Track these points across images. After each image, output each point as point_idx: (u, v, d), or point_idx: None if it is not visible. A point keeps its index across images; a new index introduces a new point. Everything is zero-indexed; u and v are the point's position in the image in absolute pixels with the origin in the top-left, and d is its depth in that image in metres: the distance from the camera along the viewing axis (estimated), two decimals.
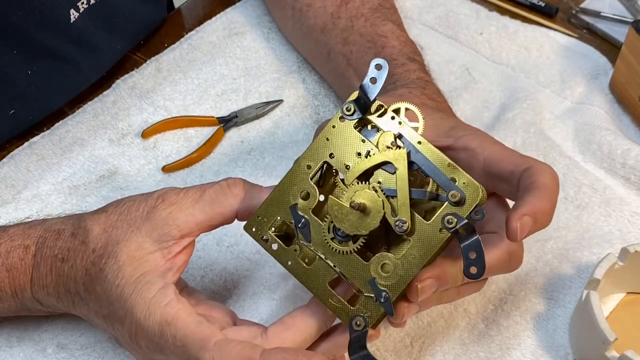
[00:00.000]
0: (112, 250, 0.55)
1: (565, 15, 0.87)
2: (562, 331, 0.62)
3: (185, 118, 0.77)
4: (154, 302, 0.53)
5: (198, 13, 0.88)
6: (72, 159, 0.74)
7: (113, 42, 0.80)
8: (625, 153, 0.72)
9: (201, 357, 0.51)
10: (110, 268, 0.55)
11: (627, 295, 0.65)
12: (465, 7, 0.87)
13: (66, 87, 0.77)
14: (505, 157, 0.57)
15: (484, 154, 0.58)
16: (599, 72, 0.80)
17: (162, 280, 0.54)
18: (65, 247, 0.57)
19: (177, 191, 0.57)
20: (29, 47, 0.71)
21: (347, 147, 0.55)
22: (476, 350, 0.61)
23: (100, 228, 0.56)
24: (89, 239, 0.56)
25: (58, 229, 0.58)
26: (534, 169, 0.56)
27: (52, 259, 0.57)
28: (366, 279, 0.53)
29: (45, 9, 0.70)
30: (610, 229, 0.68)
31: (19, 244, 0.58)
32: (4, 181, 0.72)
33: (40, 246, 0.58)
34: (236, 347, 0.51)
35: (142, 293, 0.54)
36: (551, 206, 0.55)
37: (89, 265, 0.56)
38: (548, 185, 0.55)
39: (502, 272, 0.58)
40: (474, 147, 0.58)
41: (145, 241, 0.55)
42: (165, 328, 0.52)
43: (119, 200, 0.58)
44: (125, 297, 0.54)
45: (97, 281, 0.55)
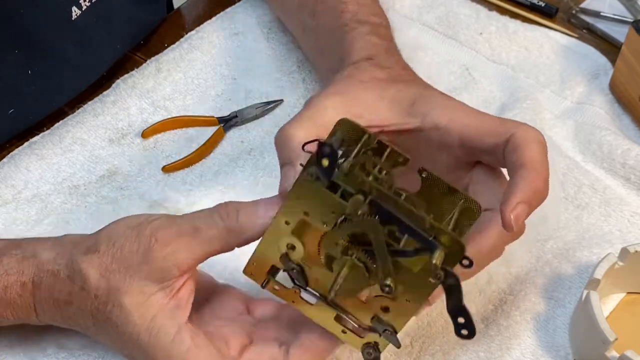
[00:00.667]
0: (115, 299, 0.54)
1: (565, 15, 0.87)
2: (562, 331, 0.62)
3: (186, 118, 0.77)
4: (174, 352, 0.53)
5: (198, 13, 0.88)
6: (72, 159, 0.74)
7: (113, 41, 0.80)
8: (625, 153, 0.72)
9: None
10: (118, 317, 0.54)
11: (627, 295, 0.65)
12: (465, 7, 0.87)
13: (66, 86, 0.77)
14: (482, 130, 0.55)
15: (458, 130, 0.55)
16: (599, 72, 0.80)
17: (174, 322, 0.54)
18: (65, 290, 0.56)
19: (169, 230, 0.54)
20: (31, 46, 0.71)
21: (321, 207, 0.49)
22: (476, 350, 0.61)
23: (97, 273, 0.55)
24: (88, 285, 0.55)
25: (52, 270, 0.56)
26: (517, 140, 0.53)
27: (54, 302, 0.57)
28: (368, 316, 0.53)
29: (49, 4, 0.70)
30: (610, 229, 0.68)
31: (15, 280, 0.57)
32: (4, 181, 0.72)
33: (38, 285, 0.57)
34: None
35: (159, 340, 0.54)
36: (543, 182, 0.53)
37: (94, 311, 0.56)
38: (535, 158, 0.53)
39: (509, 243, 0.57)
40: (445, 125, 0.55)
41: (146, 284, 0.54)
42: None
43: (109, 236, 0.56)
44: (143, 345, 0.54)
45: (108, 326, 0.55)
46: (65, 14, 0.72)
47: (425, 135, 0.56)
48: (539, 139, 0.54)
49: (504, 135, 0.54)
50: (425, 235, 0.47)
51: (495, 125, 0.55)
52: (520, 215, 0.51)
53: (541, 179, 0.52)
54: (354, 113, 0.56)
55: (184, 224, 0.54)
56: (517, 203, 0.51)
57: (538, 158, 0.53)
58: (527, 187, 0.52)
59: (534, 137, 0.53)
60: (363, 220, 0.48)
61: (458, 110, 0.56)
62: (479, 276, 0.65)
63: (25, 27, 0.69)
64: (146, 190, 0.72)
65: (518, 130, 0.54)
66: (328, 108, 0.57)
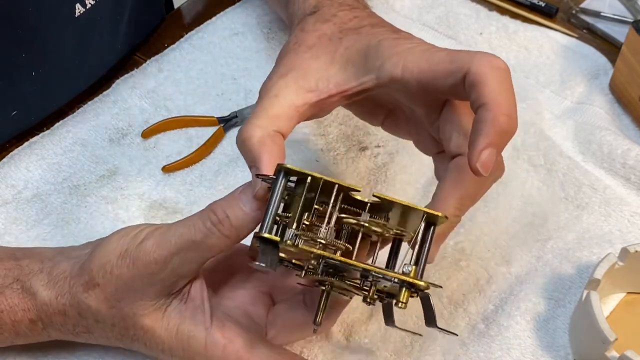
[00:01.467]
0: (134, 323, 0.55)
1: (565, 15, 0.87)
2: (562, 331, 0.62)
3: (186, 118, 0.77)
4: (210, 354, 0.54)
5: (198, 13, 0.88)
6: (72, 159, 0.74)
7: (114, 41, 0.80)
8: (625, 153, 0.72)
9: None
10: (143, 338, 0.55)
11: (627, 295, 0.65)
12: (465, 7, 0.87)
13: (68, 87, 0.77)
14: (437, 73, 0.51)
15: (414, 78, 0.52)
16: (599, 72, 0.80)
17: (199, 327, 0.54)
18: (80, 324, 0.56)
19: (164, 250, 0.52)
20: (35, 47, 0.70)
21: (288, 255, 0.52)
22: (476, 350, 0.61)
23: (106, 306, 0.55)
24: (103, 318, 0.55)
25: (59, 310, 0.56)
26: (472, 76, 0.49)
27: (72, 333, 0.57)
28: None
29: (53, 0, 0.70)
30: (610, 229, 0.68)
31: (22, 317, 0.56)
32: (4, 181, 0.72)
33: (49, 324, 0.57)
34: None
35: (193, 348, 0.54)
36: (507, 117, 0.48)
37: (119, 336, 0.56)
38: (494, 92, 0.48)
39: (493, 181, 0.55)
40: (401, 75, 0.52)
41: (157, 301, 0.54)
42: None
43: (102, 267, 0.54)
44: (179, 356, 0.55)
45: (137, 345, 0.56)
46: (69, 10, 0.72)
47: (386, 91, 0.54)
48: (497, 65, 0.49)
49: (459, 73, 0.50)
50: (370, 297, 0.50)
51: (448, 64, 0.51)
52: (487, 161, 0.48)
53: (504, 115, 0.48)
54: (307, 88, 0.55)
55: (176, 239, 0.52)
56: (482, 150, 0.48)
57: (497, 91, 0.48)
58: (490, 129, 0.48)
59: (490, 67, 0.49)
60: (325, 279, 0.50)
61: (409, 55, 0.52)
62: (479, 276, 0.66)
63: (30, 26, 0.69)
64: (146, 190, 0.72)
65: (472, 64, 0.49)
66: (279, 96, 0.55)
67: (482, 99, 0.49)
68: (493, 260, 0.67)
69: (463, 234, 0.68)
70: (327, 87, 0.55)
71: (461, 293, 0.65)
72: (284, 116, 0.54)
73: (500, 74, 0.49)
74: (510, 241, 0.68)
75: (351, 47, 0.55)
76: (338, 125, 0.77)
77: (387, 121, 0.62)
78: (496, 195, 0.71)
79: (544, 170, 0.72)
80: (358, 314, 0.64)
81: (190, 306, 0.55)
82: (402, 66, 0.52)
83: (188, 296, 0.55)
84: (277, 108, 0.54)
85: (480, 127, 0.49)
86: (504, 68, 0.50)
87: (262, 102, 0.55)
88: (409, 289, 0.48)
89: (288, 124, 0.54)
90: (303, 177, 0.49)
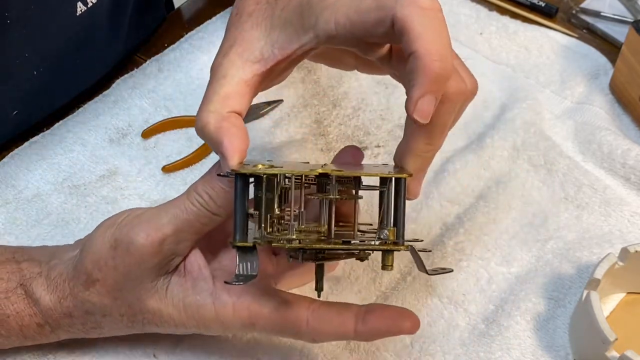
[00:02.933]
0: (140, 308, 0.55)
1: (565, 15, 0.87)
2: (562, 331, 0.62)
3: (186, 118, 0.77)
4: (222, 318, 0.54)
5: (198, 13, 0.88)
6: (72, 159, 0.74)
7: (115, 41, 0.80)
8: (625, 153, 0.72)
9: (301, 337, 0.54)
10: (153, 319, 0.55)
11: (627, 295, 0.65)
12: (465, 7, 0.87)
13: (69, 87, 0.77)
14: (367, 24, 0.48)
15: (347, 30, 0.49)
16: (599, 72, 0.80)
17: (205, 294, 0.54)
18: (89, 320, 0.57)
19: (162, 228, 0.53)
20: (38, 47, 0.70)
21: None
22: (476, 351, 0.61)
23: (109, 299, 0.55)
24: (109, 311, 0.56)
25: (64, 313, 0.56)
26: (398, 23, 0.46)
27: (81, 330, 0.58)
28: None
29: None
30: (610, 229, 0.68)
31: (29, 321, 0.57)
32: (4, 181, 0.72)
33: (56, 327, 0.57)
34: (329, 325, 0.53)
35: (206, 317, 0.54)
36: (439, 61, 0.46)
37: (129, 324, 0.57)
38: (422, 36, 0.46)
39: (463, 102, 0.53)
40: (335, 31, 0.49)
41: (157, 282, 0.55)
42: (252, 328, 0.54)
43: (96, 262, 0.55)
44: (194, 327, 0.55)
45: (150, 328, 0.56)
46: (70, 9, 0.72)
47: (329, 48, 0.53)
48: (422, 5, 0.46)
49: (386, 20, 0.47)
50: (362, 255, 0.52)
51: (375, 11, 0.48)
52: (425, 110, 0.46)
53: (434, 60, 0.46)
54: (253, 59, 0.54)
55: (169, 220, 0.53)
56: (417, 99, 0.46)
57: (425, 35, 0.46)
58: (423, 78, 0.46)
59: (416, 8, 0.46)
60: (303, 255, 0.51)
61: (339, 6, 0.49)
62: (479, 276, 0.66)
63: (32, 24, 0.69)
64: (146, 190, 0.72)
65: (396, 8, 0.46)
66: (227, 76, 0.54)
67: (410, 47, 0.46)
68: (493, 260, 0.67)
69: (463, 234, 0.68)
70: (272, 54, 0.54)
71: (461, 293, 0.65)
72: (235, 95, 0.53)
73: (426, 14, 0.46)
74: (510, 241, 0.68)
75: (286, 7, 0.53)
76: (338, 126, 0.77)
77: (359, 65, 0.60)
78: (496, 195, 0.71)
79: (544, 170, 0.72)
80: None
81: (190, 278, 0.55)
82: (334, 21, 0.49)
83: (185, 270, 0.55)
84: (226, 88, 0.54)
85: (412, 77, 0.46)
86: (429, 7, 0.47)
87: (212, 85, 0.55)
88: (391, 253, 0.50)
89: (241, 101, 0.54)
90: (259, 176, 0.49)
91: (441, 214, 0.70)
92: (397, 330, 0.53)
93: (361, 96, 0.78)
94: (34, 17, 0.68)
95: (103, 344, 0.61)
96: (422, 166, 0.53)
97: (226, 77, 0.54)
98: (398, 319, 0.53)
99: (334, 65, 0.62)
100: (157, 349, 0.62)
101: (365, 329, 0.52)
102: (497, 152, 0.73)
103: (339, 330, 0.53)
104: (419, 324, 0.53)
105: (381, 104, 0.78)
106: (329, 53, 0.59)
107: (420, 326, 0.53)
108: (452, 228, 0.69)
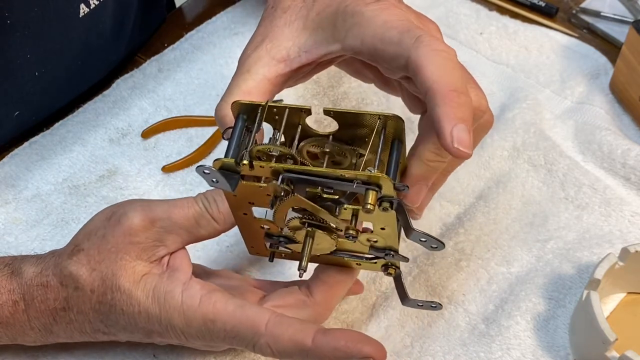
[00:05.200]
0: (112, 284, 0.54)
1: (566, 15, 0.87)
2: (562, 331, 0.62)
3: (186, 118, 0.77)
4: (186, 308, 0.53)
5: (198, 13, 0.88)
6: (72, 159, 0.74)
7: (117, 42, 0.80)
8: (626, 153, 0.72)
9: (257, 342, 0.52)
10: (120, 300, 0.54)
11: (628, 295, 0.65)
12: (465, 7, 0.87)
13: (70, 87, 0.77)
14: (386, 52, 0.50)
15: (370, 52, 0.51)
16: (599, 72, 0.80)
17: (176, 283, 0.54)
18: (60, 297, 0.56)
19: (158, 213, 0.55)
20: (40, 48, 0.70)
21: (255, 195, 0.51)
22: (476, 351, 0.61)
23: (87, 269, 0.55)
24: (82, 284, 0.55)
25: (41, 282, 0.56)
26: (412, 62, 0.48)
27: (51, 312, 0.56)
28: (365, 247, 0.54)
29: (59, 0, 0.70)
30: (610, 229, 0.68)
31: (7, 299, 0.56)
32: (4, 181, 0.72)
33: (30, 302, 0.56)
34: (289, 329, 0.51)
35: (169, 304, 0.53)
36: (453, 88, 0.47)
37: (97, 306, 0.55)
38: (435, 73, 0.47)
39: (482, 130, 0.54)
40: (360, 48, 0.52)
41: (137, 264, 0.55)
42: (211, 326, 0.52)
43: (87, 233, 0.56)
44: (155, 316, 0.54)
45: (115, 315, 0.55)
46: (73, 10, 0.72)
47: (353, 59, 0.54)
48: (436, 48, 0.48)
49: (402, 59, 0.49)
50: (346, 186, 0.48)
51: (396, 46, 0.50)
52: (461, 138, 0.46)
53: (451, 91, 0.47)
54: (279, 58, 0.55)
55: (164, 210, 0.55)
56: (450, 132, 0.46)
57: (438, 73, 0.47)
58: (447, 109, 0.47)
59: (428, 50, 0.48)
60: (288, 200, 0.50)
61: (368, 28, 0.51)
62: (479, 276, 0.66)
63: (35, 26, 0.69)
64: (146, 190, 0.72)
65: (410, 52, 0.49)
66: (251, 71, 0.55)
67: (424, 85, 0.48)
68: (493, 260, 0.67)
69: (463, 234, 0.68)
70: (298, 56, 0.55)
71: (461, 293, 0.65)
72: (256, 91, 0.54)
73: (439, 54, 0.48)
74: (510, 241, 0.68)
75: (322, 12, 0.54)
76: None
77: (376, 80, 0.61)
78: (496, 195, 0.71)
79: (544, 170, 0.72)
80: (358, 314, 0.64)
81: (169, 271, 0.55)
82: (361, 40, 0.51)
83: (168, 265, 0.55)
84: (249, 83, 0.55)
85: (436, 114, 0.47)
86: (444, 49, 0.48)
87: (236, 78, 0.55)
88: (375, 190, 0.48)
89: (262, 98, 0.55)
90: (255, 108, 0.50)
91: (441, 214, 0.70)
92: (356, 351, 0.51)
93: (361, 96, 0.78)
94: (36, 18, 0.68)
95: (103, 345, 0.61)
96: (425, 174, 0.53)
97: (250, 72, 0.55)
98: (360, 342, 0.51)
99: (355, 75, 0.63)
100: (157, 349, 0.62)
101: (324, 341, 0.51)
102: (497, 152, 0.73)
103: (297, 336, 0.51)
104: (384, 353, 0.52)
105: (381, 104, 0.78)
106: (352, 64, 0.60)
107: (387, 357, 0.52)
108: (452, 228, 0.69)
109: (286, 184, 0.49)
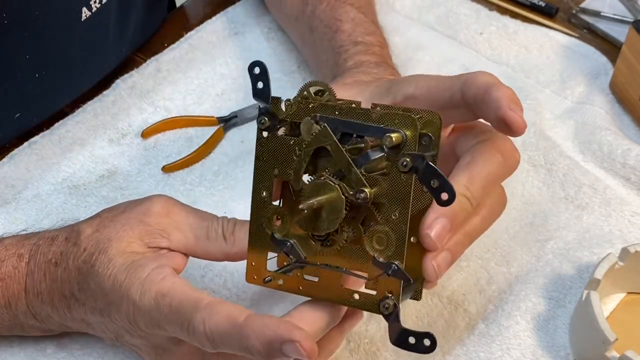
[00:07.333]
0: (103, 247, 0.55)
1: (566, 15, 0.87)
2: (562, 331, 0.62)
3: (185, 118, 0.77)
4: (148, 280, 0.53)
5: (198, 13, 0.88)
6: (72, 159, 0.74)
7: (119, 43, 0.80)
8: (626, 153, 0.72)
9: (193, 318, 0.51)
10: (101, 262, 0.55)
11: (628, 295, 0.65)
12: (465, 7, 0.87)
13: (71, 88, 0.77)
14: (440, 88, 0.57)
15: (424, 94, 0.57)
16: (599, 72, 0.80)
17: (155, 262, 0.54)
18: (58, 251, 0.57)
19: (178, 209, 0.57)
20: (41, 50, 0.70)
21: (283, 156, 0.53)
22: (476, 351, 0.61)
23: (92, 230, 0.56)
24: (81, 240, 0.56)
25: (52, 236, 0.58)
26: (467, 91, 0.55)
27: (45, 265, 0.57)
28: (369, 262, 0.52)
29: (60, 4, 0.70)
30: (610, 229, 0.68)
31: (12, 253, 0.58)
32: (4, 181, 0.72)
33: (34, 253, 0.58)
34: (225, 307, 0.51)
35: (136, 274, 0.53)
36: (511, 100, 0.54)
37: (81, 264, 0.56)
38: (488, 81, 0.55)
39: (506, 175, 0.57)
40: (412, 92, 0.58)
41: (135, 241, 0.55)
42: (160, 300, 0.52)
43: (114, 207, 0.59)
44: (119, 283, 0.54)
45: (90, 277, 0.55)
46: (76, 14, 0.72)
47: None
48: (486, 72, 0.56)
49: (457, 85, 0.56)
50: (374, 125, 0.51)
51: (451, 79, 0.57)
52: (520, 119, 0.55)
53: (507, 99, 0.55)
54: None
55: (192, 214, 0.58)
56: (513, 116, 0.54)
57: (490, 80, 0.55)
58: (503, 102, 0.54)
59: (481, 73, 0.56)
60: (317, 136, 0.52)
61: (422, 78, 0.59)
62: (479, 276, 0.66)
63: (37, 29, 0.69)
64: (146, 190, 0.72)
65: (468, 75, 0.56)
66: None
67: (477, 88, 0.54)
68: (493, 260, 0.67)
69: None
70: None
71: (461, 293, 0.65)
72: None
73: (484, 74, 0.55)
74: (510, 241, 0.68)
75: (380, 85, 0.61)
76: None
77: None
78: None
79: (544, 170, 0.72)
80: None
81: (157, 255, 0.55)
82: (414, 86, 0.58)
83: (162, 255, 0.56)
84: None
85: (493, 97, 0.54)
86: (487, 73, 0.56)
87: None
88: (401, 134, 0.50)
89: None
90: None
91: None
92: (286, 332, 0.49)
93: None
94: (37, 20, 0.68)
95: (103, 344, 0.61)
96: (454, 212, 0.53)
97: None
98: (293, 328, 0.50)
99: None
100: None
101: (257, 319, 0.50)
102: None
103: (233, 313, 0.50)
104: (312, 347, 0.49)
105: None
106: None
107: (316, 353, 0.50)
108: None
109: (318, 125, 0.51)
